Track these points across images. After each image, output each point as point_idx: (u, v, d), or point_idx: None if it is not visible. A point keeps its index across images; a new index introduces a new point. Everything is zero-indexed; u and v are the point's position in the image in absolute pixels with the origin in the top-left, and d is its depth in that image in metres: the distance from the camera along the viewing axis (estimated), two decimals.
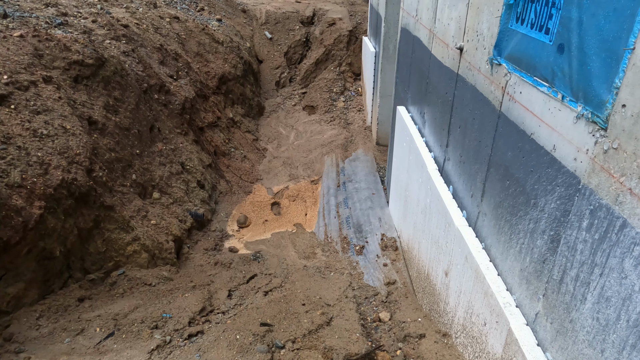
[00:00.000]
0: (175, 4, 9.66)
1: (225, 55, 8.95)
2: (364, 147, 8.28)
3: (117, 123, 5.05)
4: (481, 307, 2.66)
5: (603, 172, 1.63)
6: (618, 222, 1.54)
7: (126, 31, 6.40)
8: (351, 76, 10.93)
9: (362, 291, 4.50)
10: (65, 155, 4.03)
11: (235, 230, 6.07)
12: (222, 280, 4.59)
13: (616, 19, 1.54)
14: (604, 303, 1.63)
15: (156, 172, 5.48)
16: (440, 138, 3.86)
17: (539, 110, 2.11)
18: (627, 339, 1.50)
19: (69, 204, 3.91)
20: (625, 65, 1.49)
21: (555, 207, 1.98)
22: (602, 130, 1.63)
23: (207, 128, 7.44)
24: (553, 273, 1.99)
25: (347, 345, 3.39)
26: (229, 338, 3.37)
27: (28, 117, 3.97)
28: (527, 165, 2.24)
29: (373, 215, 6.16)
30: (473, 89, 3.00)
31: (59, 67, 4.65)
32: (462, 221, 3.13)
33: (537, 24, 2.13)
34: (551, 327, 2.02)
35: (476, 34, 2.93)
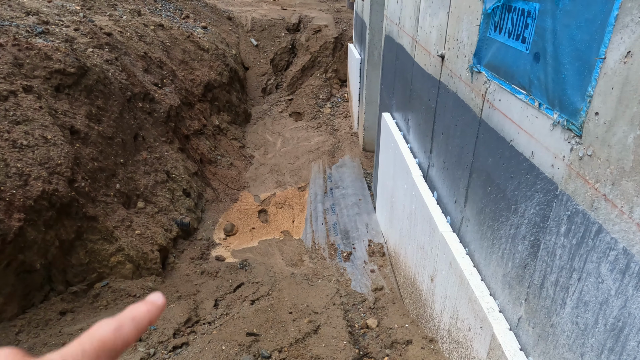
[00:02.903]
0: (160, 12, 9.62)
1: (211, 63, 8.93)
2: (350, 153, 8.31)
3: (100, 132, 4.99)
4: (466, 313, 2.68)
5: (579, 179, 1.66)
6: (594, 227, 1.57)
7: (109, 39, 6.34)
8: (337, 83, 10.99)
9: (350, 298, 4.50)
10: (46, 165, 3.96)
11: (222, 239, 6.02)
12: (209, 289, 4.54)
13: (588, 29, 1.57)
14: (582, 307, 1.65)
15: (141, 181, 5.42)
16: (424, 144, 3.90)
17: (518, 118, 2.14)
18: (605, 342, 1.52)
19: (49, 215, 3.84)
20: (597, 74, 1.52)
21: (534, 212, 2.00)
22: (577, 138, 1.67)
23: (192, 136, 7.40)
24: (534, 278, 2.01)
25: (334, 353, 3.37)
26: (215, 349, 3.33)
27: (7, 127, 3.90)
28: (508, 172, 2.27)
29: (360, 221, 6.17)
30: (455, 96, 3.04)
31: (40, 77, 4.59)
32: (446, 227, 3.16)
33: (514, 33, 2.17)
34: (533, 332, 2.04)
35: (457, 42, 2.97)
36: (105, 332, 0.42)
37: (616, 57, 1.42)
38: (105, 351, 0.41)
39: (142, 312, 0.46)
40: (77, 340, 0.41)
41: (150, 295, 0.49)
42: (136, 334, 0.45)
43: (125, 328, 0.44)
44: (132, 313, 0.46)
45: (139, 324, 0.45)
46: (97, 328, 0.43)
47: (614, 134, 1.45)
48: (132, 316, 0.45)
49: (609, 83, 1.46)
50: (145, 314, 0.46)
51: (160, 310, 0.48)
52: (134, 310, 0.46)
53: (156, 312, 0.48)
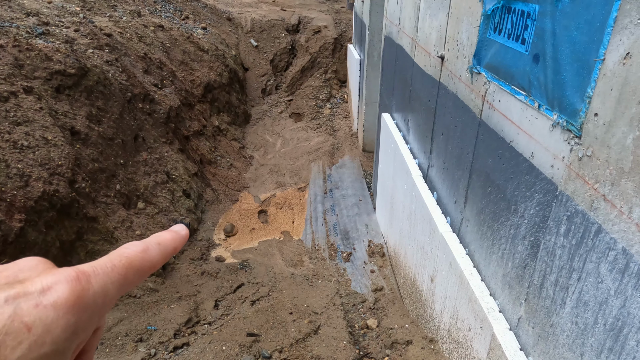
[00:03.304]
0: (160, 13, 9.63)
1: (211, 64, 8.94)
2: (350, 154, 8.32)
3: (101, 133, 4.99)
4: (466, 313, 2.69)
5: (578, 179, 1.67)
6: (593, 227, 1.58)
7: (109, 40, 6.35)
8: (337, 83, 11.01)
9: (350, 298, 4.50)
10: (46, 166, 3.97)
11: (222, 239, 6.03)
12: (209, 290, 4.55)
13: (587, 30, 1.58)
14: (582, 307, 1.66)
15: (141, 181, 5.43)
16: (424, 145, 3.91)
17: (517, 118, 2.15)
18: (604, 342, 1.53)
19: (50, 216, 3.85)
20: (597, 75, 1.53)
21: (534, 213, 2.01)
22: (577, 138, 1.68)
23: (192, 136, 7.40)
24: (534, 278, 2.02)
25: (335, 353, 3.38)
26: (215, 349, 3.33)
27: (8, 128, 3.91)
28: (507, 172, 2.28)
29: (360, 221, 6.18)
30: (454, 97, 3.05)
31: (40, 77, 4.60)
32: (446, 227, 3.17)
33: (513, 34, 2.18)
34: (533, 332, 2.05)
35: (456, 43, 2.98)
36: (134, 252, 0.43)
37: (615, 58, 1.43)
38: (133, 269, 0.42)
39: (167, 239, 0.48)
40: (107, 256, 0.42)
41: (174, 226, 0.51)
42: (161, 258, 0.46)
43: (151, 251, 0.45)
44: (158, 238, 0.47)
45: (164, 249, 0.47)
46: (125, 247, 0.44)
47: (613, 134, 1.46)
48: (158, 241, 0.47)
49: (608, 84, 1.47)
50: (170, 241, 0.48)
51: (184, 240, 0.50)
52: (159, 237, 0.48)
53: (180, 240, 0.49)
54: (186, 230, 0.51)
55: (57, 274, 0.37)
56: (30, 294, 0.34)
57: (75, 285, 0.36)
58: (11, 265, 0.38)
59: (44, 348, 0.33)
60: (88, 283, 0.37)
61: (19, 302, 0.33)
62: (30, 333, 0.33)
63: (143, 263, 0.43)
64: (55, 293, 0.35)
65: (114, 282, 0.40)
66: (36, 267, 0.38)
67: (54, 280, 0.36)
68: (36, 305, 0.34)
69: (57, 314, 0.34)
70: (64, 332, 0.35)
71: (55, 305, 0.35)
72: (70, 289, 0.36)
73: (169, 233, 0.49)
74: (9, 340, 0.32)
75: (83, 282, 0.37)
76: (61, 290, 0.35)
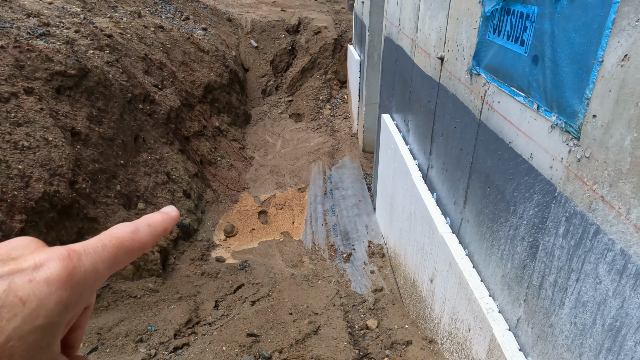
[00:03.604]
0: (160, 13, 9.64)
1: (211, 64, 8.95)
2: (350, 155, 8.33)
3: (101, 134, 5.00)
4: (465, 313, 2.69)
5: (577, 180, 1.68)
6: (592, 228, 1.58)
7: (110, 41, 6.36)
8: (337, 84, 11.02)
9: (350, 299, 4.51)
10: (47, 167, 3.98)
11: (222, 240, 6.03)
12: (209, 290, 4.56)
13: (585, 32, 1.59)
14: (580, 308, 1.66)
15: (141, 182, 5.44)
16: (424, 146, 3.91)
17: (517, 120, 2.16)
18: (602, 342, 1.53)
19: (51, 216, 3.86)
20: (595, 77, 1.54)
21: (533, 214, 2.02)
22: (575, 140, 1.68)
23: (193, 137, 7.41)
24: (533, 279, 2.03)
25: (335, 354, 3.39)
26: (215, 350, 3.34)
27: (8, 129, 3.92)
28: (506, 173, 2.29)
29: (360, 222, 6.19)
30: (454, 98, 3.05)
31: (41, 78, 4.61)
32: (446, 228, 3.17)
33: (512, 36, 2.19)
34: (532, 332, 2.06)
35: (456, 44, 2.99)
36: (124, 233, 0.44)
37: (613, 60, 1.44)
38: (122, 249, 0.43)
39: (158, 220, 0.49)
40: (98, 236, 0.43)
41: (165, 207, 0.52)
42: (151, 239, 0.47)
43: (141, 232, 0.46)
44: (148, 220, 0.48)
45: (155, 230, 0.47)
46: (115, 228, 0.45)
47: (611, 136, 1.47)
48: (148, 222, 0.47)
49: (607, 86, 1.48)
50: (160, 222, 0.49)
51: (174, 221, 0.51)
52: (149, 218, 0.48)
53: (170, 222, 0.50)
54: (176, 212, 0.51)
55: (49, 252, 0.38)
56: (23, 270, 0.36)
57: (67, 262, 0.38)
58: (4, 244, 0.39)
59: (37, 321, 0.35)
60: (79, 261, 0.39)
61: (13, 278, 0.35)
62: (24, 306, 0.34)
63: (133, 243, 0.44)
64: (48, 269, 0.37)
65: (104, 260, 0.41)
66: (28, 245, 0.40)
67: (46, 257, 0.37)
68: (30, 281, 0.35)
69: (50, 289, 0.36)
70: (56, 306, 0.36)
71: (48, 281, 0.36)
72: (62, 265, 0.37)
73: (159, 214, 0.50)
74: (5, 312, 0.33)
75: (74, 259, 0.38)
76: (53, 266, 0.37)
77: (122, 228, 0.45)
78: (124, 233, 0.44)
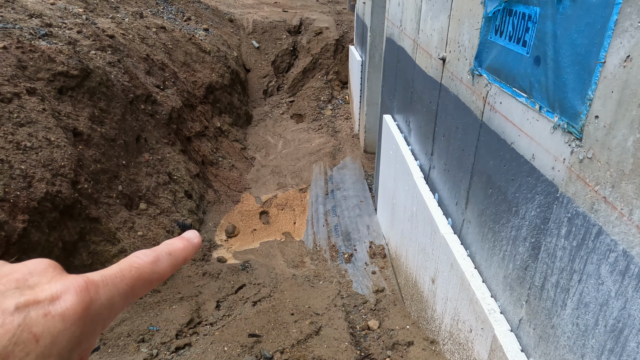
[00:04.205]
0: (162, 14, 9.66)
1: (213, 65, 8.96)
2: (351, 155, 8.33)
3: (103, 134, 5.01)
4: (467, 314, 2.69)
5: (579, 181, 1.68)
6: (594, 229, 1.58)
7: (112, 42, 6.38)
8: (338, 84, 11.02)
9: (351, 299, 4.51)
10: (49, 167, 3.99)
11: (224, 240, 6.04)
12: (210, 291, 4.56)
13: (588, 33, 1.59)
14: (582, 309, 1.66)
15: (143, 182, 5.45)
16: (426, 146, 3.91)
17: (518, 120, 2.16)
18: (605, 343, 1.53)
19: (53, 217, 3.87)
20: (597, 78, 1.54)
21: (535, 214, 2.02)
22: (578, 141, 1.68)
23: (194, 138, 7.42)
24: (535, 279, 2.03)
25: (336, 354, 3.39)
26: (217, 350, 3.34)
27: (11, 129, 3.93)
28: (508, 174, 2.29)
29: (361, 223, 6.19)
30: (456, 98, 3.06)
31: (43, 79, 4.62)
32: (448, 229, 3.17)
33: (514, 37, 2.19)
34: (534, 333, 2.05)
35: (458, 45, 2.99)
36: (145, 263, 0.43)
37: (616, 61, 1.44)
38: (141, 281, 0.42)
39: (179, 249, 0.47)
40: (118, 265, 0.41)
41: (186, 232, 0.49)
42: (171, 269, 0.45)
43: (162, 262, 0.44)
44: (169, 248, 0.46)
45: (175, 260, 0.46)
46: (136, 257, 0.43)
47: (613, 137, 1.47)
48: (169, 251, 0.45)
49: (609, 87, 1.48)
50: (182, 251, 0.47)
51: (196, 249, 0.48)
52: (170, 246, 0.46)
53: (192, 249, 0.48)
54: (199, 238, 0.49)
55: (66, 282, 0.37)
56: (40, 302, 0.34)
57: (84, 295, 0.36)
58: (21, 267, 0.38)
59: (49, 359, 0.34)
60: (96, 294, 0.37)
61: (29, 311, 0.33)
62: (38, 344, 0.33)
63: (152, 275, 0.43)
64: (64, 302, 0.35)
65: (121, 293, 0.40)
66: (45, 271, 0.38)
67: (63, 288, 0.36)
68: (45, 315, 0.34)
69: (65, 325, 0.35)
70: (69, 343, 0.35)
71: (63, 316, 0.35)
72: (78, 299, 0.36)
73: (181, 241, 0.47)
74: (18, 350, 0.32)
75: (92, 292, 0.37)
76: (70, 300, 0.36)
77: (142, 257, 0.43)
78: (144, 263, 0.43)
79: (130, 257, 0.43)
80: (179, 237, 0.48)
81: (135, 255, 0.43)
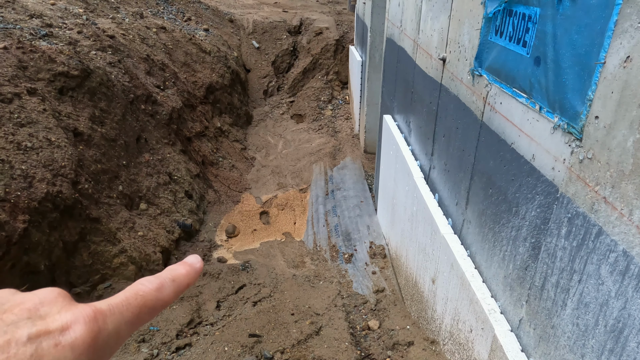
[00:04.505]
0: (162, 14, 9.67)
1: (213, 65, 8.96)
2: (352, 155, 8.34)
3: (103, 134, 5.02)
4: (467, 314, 2.69)
5: (579, 181, 1.68)
6: (594, 229, 1.59)
7: (112, 42, 6.38)
8: (338, 85, 11.02)
9: (351, 299, 4.51)
10: (50, 167, 3.99)
11: (224, 240, 6.04)
12: (211, 291, 4.56)
13: (588, 34, 1.59)
14: (583, 309, 1.67)
15: (143, 183, 5.45)
16: (426, 147, 3.92)
17: (519, 121, 2.16)
18: (605, 343, 1.54)
19: (54, 217, 3.87)
20: (597, 78, 1.54)
21: (535, 215, 2.02)
22: (578, 141, 1.69)
23: (194, 138, 7.43)
24: (535, 280, 2.03)
25: (336, 354, 3.39)
26: (217, 350, 3.35)
27: (12, 129, 3.93)
28: (508, 174, 2.29)
29: (361, 223, 6.19)
30: (456, 99, 3.06)
31: (44, 79, 4.62)
32: (448, 229, 3.17)
33: (514, 37, 2.20)
34: (534, 333, 2.06)
35: (458, 45, 3.00)
36: (149, 290, 0.44)
37: (616, 61, 1.44)
38: (146, 308, 0.43)
39: (182, 275, 0.48)
40: (123, 293, 0.43)
41: (188, 257, 0.50)
42: (175, 296, 0.46)
43: (166, 289, 0.45)
44: (172, 274, 0.47)
45: (178, 287, 0.47)
46: (140, 284, 0.44)
47: (613, 137, 1.47)
48: (172, 277, 0.47)
49: (609, 87, 1.49)
50: (185, 277, 0.48)
51: (198, 274, 0.49)
52: (173, 272, 0.47)
53: (194, 275, 0.49)
54: (201, 263, 0.50)
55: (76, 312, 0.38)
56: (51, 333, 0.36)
57: (93, 325, 0.38)
58: (32, 297, 0.39)
59: None
60: (104, 323, 0.39)
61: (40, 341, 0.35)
62: None
63: (157, 302, 0.44)
64: (74, 333, 0.37)
65: (127, 322, 0.41)
66: (55, 300, 0.39)
67: (73, 318, 0.37)
68: (56, 345, 0.35)
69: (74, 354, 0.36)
70: None
71: (73, 346, 0.36)
72: (87, 329, 0.37)
73: (184, 267, 0.49)
74: None
75: (100, 322, 0.38)
76: (79, 330, 0.37)
77: (147, 285, 0.44)
78: (149, 291, 0.44)
79: (135, 285, 0.44)
80: (182, 262, 0.49)
81: (140, 282, 0.45)
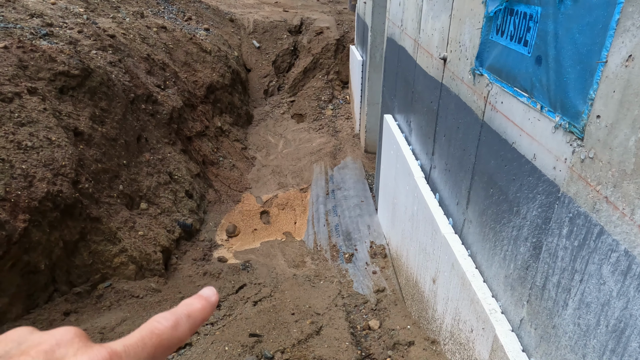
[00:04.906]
0: (163, 14, 9.66)
1: (213, 65, 8.96)
2: (352, 155, 8.33)
3: (104, 134, 5.01)
4: (468, 314, 2.69)
5: (581, 181, 1.67)
6: (596, 229, 1.58)
7: (113, 41, 6.38)
8: (339, 84, 11.02)
9: (352, 299, 4.51)
10: (50, 167, 3.99)
11: (224, 240, 6.04)
12: None
13: (589, 33, 1.59)
14: (584, 309, 1.66)
15: (144, 182, 5.45)
16: (426, 146, 3.91)
17: (520, 120, 2.15)
18: (606, 343, 1.53)
19: (54, 216, 3.87)
20: (599, 77, 1.54)
21: (536, 214, 2.02)
22: (579, 140, 1.68)
23: (195, 137, 7.43)
24: (536, 279, 2.03)
25: (337, 354, 3.39)
26: (218, 350, 3.34)
27: (12, 129, 3.93)
28: (509, 174, 2.28)
29: (362, 222, 6.19)
30: (457, 98, 3.05)
31: (44, 78, 4.62)
32: (449, 228, 3.17)
33: (516, 36, 2.19)
34: (535, 333, 2.05)
35: (459, 44, 2.99)
36: (165, 329, 0.43)
37: (617, 60, 1.44)
38: (161, 347, 0.42)
39: (197, 310, 0.47)
40: (139, 332, 0.42)
41: (204, 290, 0.49)
42: (190, 332, 0.45)
43: (181, 327, 0.44)
44: (188, 309, 0.46)
45: (194, 323, 0.46)
46: (156, 323, 0.43)
47: (615, 136, 1.47)
48: (188, 313, 0.46)
49: (611, 86, 1.48)
50: (200, 312, 0.47)
51: (213, 308, 0.48)
52: (189, 307, 0.46)
53: (210, 310, 0.48)
54: (216, 296, 0.49)
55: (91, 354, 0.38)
56: None
57: None
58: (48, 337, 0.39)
59: None
60: None
61: None
62: None
63: (172, 340, 0.43)
64: None
65: None
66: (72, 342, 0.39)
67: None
68: None
69: None
70: None
71: None
72: None
73: (199, 302, 0.48)
74: None
75: None
76: None
77: (163, 322, 0.43)
78: (164, 329, 0.43)
79: (150, 322, 0.43)
80: (197, 296, 0.48)
81: (155, 320, 0.44)
